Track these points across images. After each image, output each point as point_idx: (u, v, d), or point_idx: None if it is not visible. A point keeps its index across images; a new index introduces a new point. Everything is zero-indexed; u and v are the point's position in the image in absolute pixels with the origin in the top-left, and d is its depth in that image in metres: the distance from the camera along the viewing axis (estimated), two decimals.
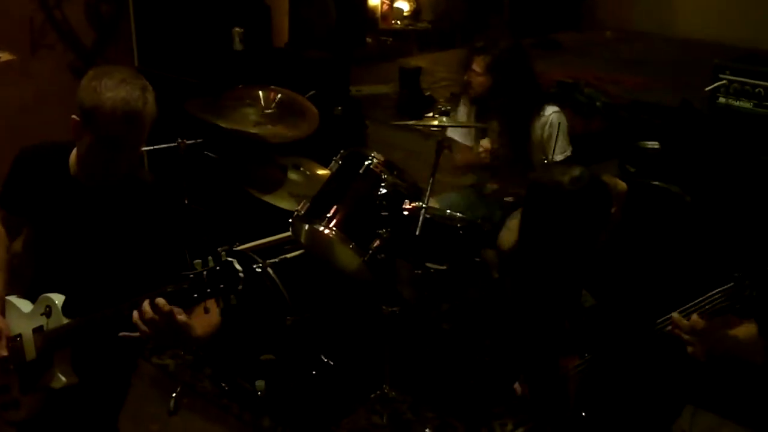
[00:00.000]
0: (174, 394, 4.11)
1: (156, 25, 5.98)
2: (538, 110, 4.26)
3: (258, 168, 4.56)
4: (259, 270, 3.96)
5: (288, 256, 4.12)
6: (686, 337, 2.51)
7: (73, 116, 2.70)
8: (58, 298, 2.78)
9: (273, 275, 3.96)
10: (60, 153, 2.87)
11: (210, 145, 4.58)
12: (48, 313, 2.79)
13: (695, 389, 2.82)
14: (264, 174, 4.48)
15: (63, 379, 2.79)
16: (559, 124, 4.19)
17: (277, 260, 4.05)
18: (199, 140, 4.40)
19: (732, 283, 2.43)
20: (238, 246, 4.15)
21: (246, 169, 4.59)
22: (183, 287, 2.44)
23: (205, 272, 2.43)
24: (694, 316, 2.49)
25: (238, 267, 2.43)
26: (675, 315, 2.52)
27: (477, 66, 4.28)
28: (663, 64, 9.05)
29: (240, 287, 2.45)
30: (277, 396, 3.92)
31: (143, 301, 2.50)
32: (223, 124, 4.34)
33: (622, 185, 3.01)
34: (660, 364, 2.75)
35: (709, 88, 4.75)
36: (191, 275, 2.43)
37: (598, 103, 6.43)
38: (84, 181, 2.83)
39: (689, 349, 2.52)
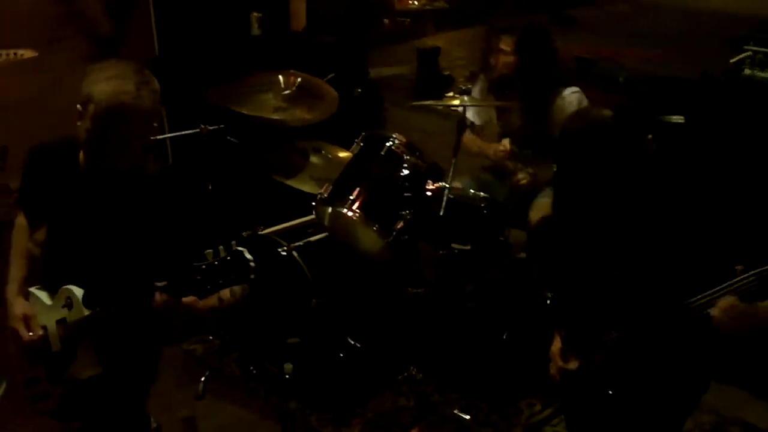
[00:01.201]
0: (202, 379, 4.13)
1: (175, 12, 5.98)
2: (556, 92, 4.25)
3: (280, 152, 4.57)
4: (284, 253, 3.97)
5: (312, 239, 4.13)
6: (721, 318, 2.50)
7: (78, 105, 2.73)
8: (77, 290, 2.81)
9: (298, 258, 3.96)
10: (70, 147, 2.90)
11: (231, 130, 4.59)
12: (69, 305, 2.82)
13: (721, 364, 2.82)
14: (286, 158, 4.49)
15: (88, 370, 2.82)
16: (579, 104, 4.17)
17: (301, 243, 4.06)
18: (220, 126, 4.42)
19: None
20: (262, 230, 4.16)
21: (268, 153, 4.61)
22: (196, 278, 2.45)
23: (216, 262, 2.44)
24: (731, 298, 2.48)
25: (248, 256, 2.44)
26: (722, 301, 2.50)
27: (505, 45, 4.26)
28: (678, 36, 8.99)
29: (252, 276, 2.46)
30: (303, 379, 3.93)
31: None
32: (243, 111, 4.35)
33: None
34: (688, 341, 2.74)
35: (735, 59, 4.70)
36: (203, 266, 2.44)
37: (620, 79, 6.39)
38: (91, 173, 2.86)
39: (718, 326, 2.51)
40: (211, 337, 4.49)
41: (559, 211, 3.01)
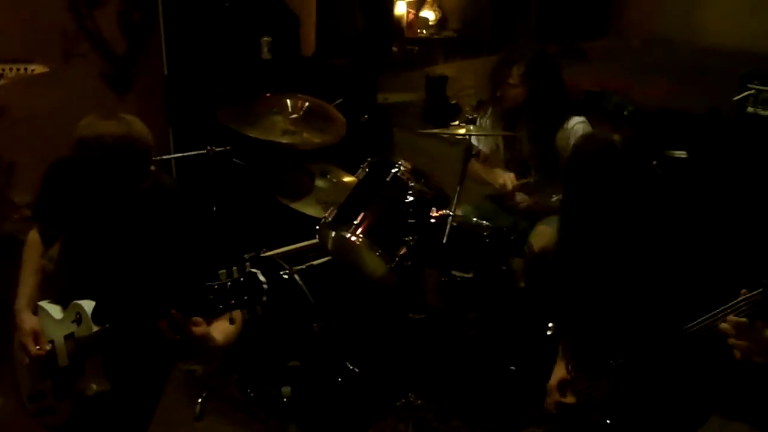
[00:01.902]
0: (200, 399, 4.13)
1: (186, 33, 6.02)
2: (563, 120, 4.25)
3: (286, 175, 4.58)
4: (286, 276, 3.98)
5: (315, 263, 4.14)
6: (734, 340, 2.50)
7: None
8: (88, 305, 2.82)
9: (300, 282, 3.97)
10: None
11: (238, 152, 4.61)
12: (78, 320, 2.83)
13: (726, 399, 2.81)
14: (292, 181, 4.51)
15: (95, 386, 2.83)
16: (585, 132, 4.18)
17: (303, 267, 4.07)
18: (227, 147, 4.44)
19: (760, 290, 2.43)
20: (266, 252, 4.17)
21: (274, 176, 4.62)
22: (208, 298, 2.45)
23: (229, 283, 2.44)
24: (732, 317, 2.48)
25: (262, 278, 2.44)
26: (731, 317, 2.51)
27: (513, 78, 4.24)
28: (689, 71, 9.01)
29: (264, 299, 2.45)
30: (303, 402, 3.93)
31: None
32: (251, 134, 4.37)
33: None
34: (686, 371, 2.74)
35: (738, 97, 4.74)
36: (215, 286, 2.44)
37: (626, 112, 6.41)
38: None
39: (736, 352, 2.51)
40: None
41: (565, 235, 3.01)
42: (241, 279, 2.43)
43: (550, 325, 3.46)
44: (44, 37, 5.51)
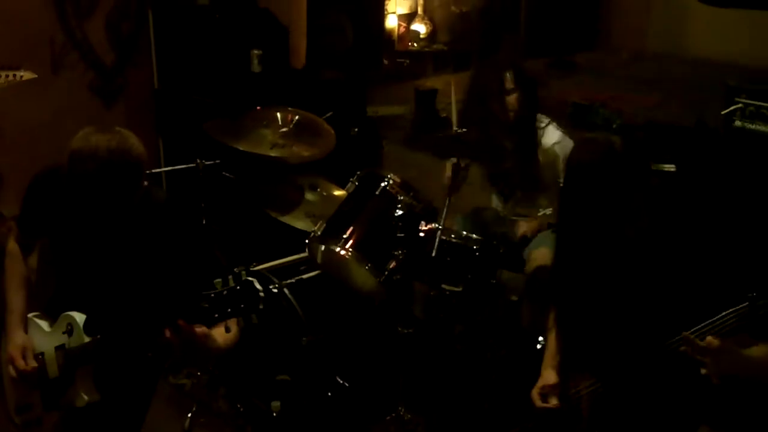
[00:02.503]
0: (189, 414, 4.12)
1: (176, 45, 6.02)
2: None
3: (275, 188, 4.58)
4: (275, 290, 3.98)
5: (304, 276, 4.13)
6: (700, 357, 2.51)
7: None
8: (79, 317, 2.83)
9: (289, 296, 3.97)
10: None
11: (228, 165, 4.61)
12: (69, 331, 2.84)
13: (711, 410, 2.82)
14: (281, 194, 4.51)
15: (85, 397, 2.84)
16: (559, 134, 4.21)
17: (293, 281, 4.06)
18: (216, 161, 4.44)
19: (746, 303, 2.44)
20: (255, 266, 4.16)
21: (263, 189, 4.62)
22: (203, 306, 2.46)
23: (225, 291, 2.45)
24: (709, 337, 2.49)
25: (258, 287, 2.46)
26: (687, 335, 2.52)
27: (509, 82, 4.21)
28: (677, 83, 9.04)
29: (260, 307, 2.47)
30: (292, 416, 3.92)
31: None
32: (241, 147, 4.37)
33: None
34: (673, 383, 2.75)
35: (726, 111, 4.75)
36: (212, 294, 2.45)
37: (614, 125, 6.43)
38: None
39: (703, 370, 2.52)
40: (199, 372, 4.48)
41: (564, 240, 3.02)
42: (237, 287, 2.45)
43: (540, 339, 3.46)
44: (33, 47, 5.50)
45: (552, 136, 4.22)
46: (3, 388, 3.15)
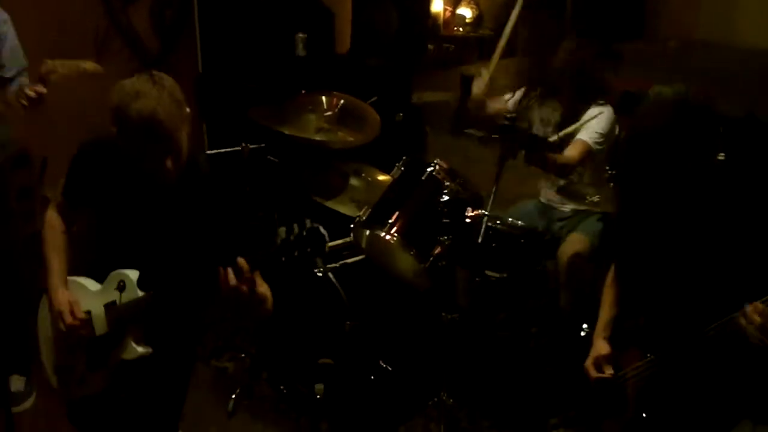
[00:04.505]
0: (233, 397, 4.14)
1: (220, 31, 6.03)
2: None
3: (320, 173, 4.58)
4: (320, 275, 3.97)
5: (348, 261, 4.12)
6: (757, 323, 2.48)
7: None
8: (132, 273, 2.89)
9: (333, 280, 3.96)
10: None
11: (273, 149, 4.60)
12: (122, 287, 2.88)
13: (754, 404, 2.79)
14: (326, 179, 4.50)
15: (138, 349, 2.90)
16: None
17: (337, 265, 4.05)
18: (262, 145, 4.44)
19: None
20: None
21: (308, 174, 4.62)
22: (271, 252, 2.52)
23: (291, 237, 2.50)
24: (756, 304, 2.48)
25: (323, 231, 2.52)
26: (756, 304, 2.49)
27: (568, 44, 4.34)
28: (727, 74, 8.92)
29: (327, 249, 2.54)
30: (334, 400, 3.92)
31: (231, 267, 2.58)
32: (286, 131, 4.36)
33: None
34: (719, 372, 2.73)
35: None
36: (279, 241, 2.51)
37: None
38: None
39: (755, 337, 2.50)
40: (243, 355, 4.50)
41: (627, 205, 3.01)
42: (303, 233, 2.50)
43: (584, 326, 3.44)
44: (77, 34, 5.51)
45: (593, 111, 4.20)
46: (40, 351, 3.19)
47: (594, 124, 4.11)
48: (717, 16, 10.63)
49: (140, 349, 2.90)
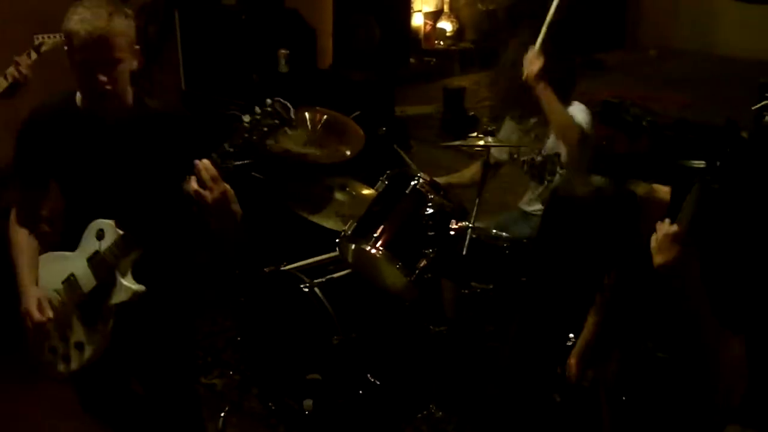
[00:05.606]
0: (222, 414, 4.13)
1: (202, 46, 6.04)
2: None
3: (304, 188, 4.58)
4: (306, 290, 3.98)
5: (334, 275, 4.13)
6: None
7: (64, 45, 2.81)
8: (108, 221, 2.87)
9: (320, 295, 3.97)
10: (65, 96, 2.94)
11: (257, 166, 4.61)
12: (100, 235, 2.88)
13: (740, 408, 2.81)
14: (310, 194, 4.51)
15: (132, 286, 2.87)
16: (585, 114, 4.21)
17: (323, 280, 4.06)
18: (246, 161, 4.43)
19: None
20: (285, 266, 4.17)
21: (292, 189, 4.62)
22: (242, 133, 2.61)
23: (258, 115, 2.59)
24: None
25: (285, 102, 2.62)
26: None
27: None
28: (706, 82, 9.00)
29: (293, 117, 2.63)
30: (323, 415, 3.93)
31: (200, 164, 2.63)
32: (270, 146, 4.36)
33: (663, 192, 3.01)
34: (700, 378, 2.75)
35: (756, 106, 4.70)
36: (246, 122, 2.60)
37: (644, 122, 6.38)
38: (90, 112, 2.88)
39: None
40: (231, 372, 4.50)
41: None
42: (268, 108, 2.59)
43: (571, 336, 3.46)
44: (61, 49, 5.49)
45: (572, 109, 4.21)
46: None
47: (579, 117, 4.14)
48: (695, 25, 10.74)
49: (133, 287, 2.87)
